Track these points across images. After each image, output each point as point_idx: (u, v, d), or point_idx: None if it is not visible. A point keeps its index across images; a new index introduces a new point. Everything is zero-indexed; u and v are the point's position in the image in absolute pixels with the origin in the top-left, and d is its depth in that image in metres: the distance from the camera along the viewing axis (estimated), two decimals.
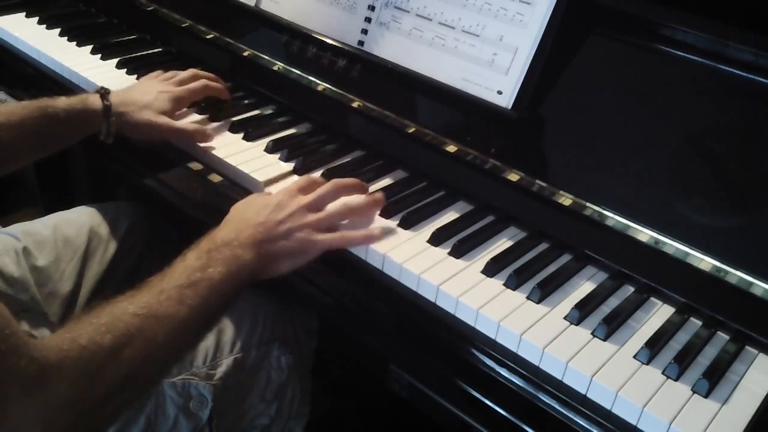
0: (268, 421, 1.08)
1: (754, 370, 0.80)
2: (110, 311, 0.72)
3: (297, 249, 0.87)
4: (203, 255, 0.81)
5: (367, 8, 1.14)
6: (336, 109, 1.16)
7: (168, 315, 0.74)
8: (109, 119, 1.08)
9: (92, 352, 0.67)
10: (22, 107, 1.02)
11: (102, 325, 0.69)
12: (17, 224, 1.15)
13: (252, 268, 0.84)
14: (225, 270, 0.80)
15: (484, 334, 0.83)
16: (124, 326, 0.70)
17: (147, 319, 0.72)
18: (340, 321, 1.04)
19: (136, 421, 0.93)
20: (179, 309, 0.75)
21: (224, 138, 1.14)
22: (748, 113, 0.89)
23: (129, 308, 0.72)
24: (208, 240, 0.84)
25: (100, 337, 0.68)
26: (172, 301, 0.75)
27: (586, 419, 0.75)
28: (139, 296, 0.75)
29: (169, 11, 1.42)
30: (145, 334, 0.71)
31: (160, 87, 1.15)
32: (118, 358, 0.69)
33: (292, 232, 0.87)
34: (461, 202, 1.03)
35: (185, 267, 0.79)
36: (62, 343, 0.66)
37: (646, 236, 0.89)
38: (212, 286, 0.78)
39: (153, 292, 0.75)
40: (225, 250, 0.82)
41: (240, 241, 0.84)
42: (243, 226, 0.86)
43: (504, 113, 1.00)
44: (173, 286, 0.76)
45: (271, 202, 0.90)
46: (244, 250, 0.83)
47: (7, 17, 1.47)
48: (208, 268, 0.79)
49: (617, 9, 0.95)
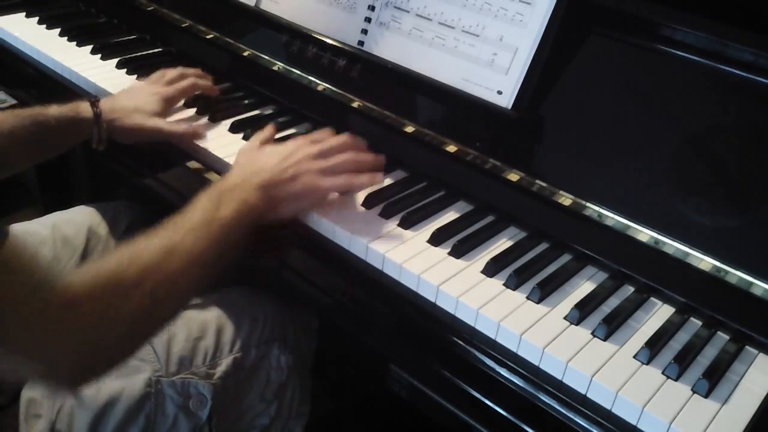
0: (267, 420, 1.08)
1: (754, 370, 0.80)
2: (131, 248, 0.78)
3: (302, 192, 0.93)
4: (215, 197, 0.88)
5: (367, 8, 1.14)
6: (336, 109, 1.16)
7: (185, 251, 0.80)
8: (100, 127, 1.09)
9: (117, 283, 0.73)
10: (13, 116, 1.03)
11: (124, 259, 0.75)
12: (16, 224, 1.15)
13: (259, 209, 0.90)
14: (235, 210, 0.87)
15: (484, 334, 0.83)
16: (146, 260, 0.76)
17: (166, 253, 0.78)
18: (340, 321, 1.04)
19: (135, 420, 0.93)
20: (195, 245, 0.81)
21: (224, 138, 1.14)
22: (748, 113, 0.89)
23: (150, 243, 0.79)
24: (219, 184, 0.91)
25: (124, 269, 0.74)
26: (188, 239, 0.81)
27: (586, 419, 0.75)
28: (157, 235, 0.81)
29: (169, 11, 1.42)
30: (166, 266, 0.78)
31: (148, 89, 1.15)
32: (142, 288, 0.75)
33: (299, 176, 0.93)
34: (461, 202, 1.03)
35: (198, 207, 0.86)
36: (88, 275, 0.72)
37: (646, 236, 0.89)
38: (224, 226, 0.85)
39: (170, 231, 0.82)
40: (234, 192, 0.89)
41: (249, 184, 0.91)
42: (252, 171, 0.93)
43: (504, 113, 1.00)
44: (188, 225, 0.83)
45: (281, 150, 0.96)
46: (252, 193, 0.90)
47: (7, 17, 1.47)
48: (219, 209, 0.86)
49: (617, 9, 0.95)
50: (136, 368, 0.95)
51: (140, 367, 0.95)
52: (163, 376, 0.96)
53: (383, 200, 1.00)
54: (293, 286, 1.01)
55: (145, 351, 0.96)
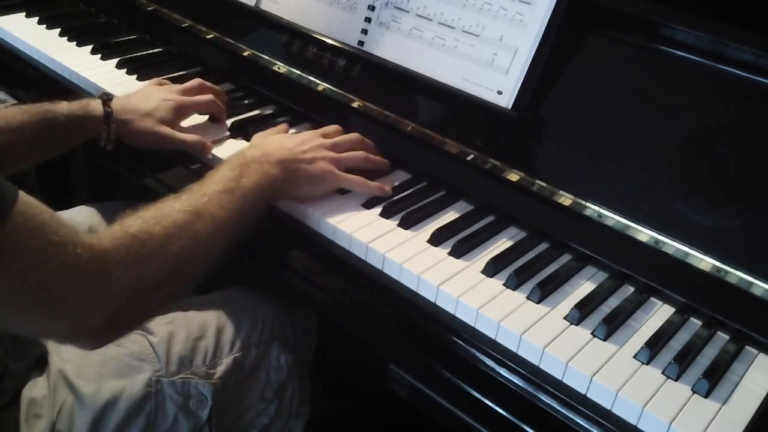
0: (267, 420, 1.08)
1: (754, 370, 0.80)
2: (158, 207, 0.79)
3: (318, 175, 0.97)
4: (236, 167, 0.90)
5: (367, 8, 1.14)
6: (336, 109, 1.16)
7: (210, 215, 0.82)
8: (110, 126, 1.07)
9: (143, 241, 0.74)
10: (22, 111, 1.01)
11: (151, 217, 0.77)
12: None
13: (278, 184, 0.94)
14: (256, 181, 0.90)
15: (484, 334, 0.83)
16: (172, 220, 0.78)
17: (192, 215, 0.80)
18: (339, 321, 1.04)
19: (135, 420, 0.93)
20: (219, 210, 0.83)
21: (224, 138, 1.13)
22: (748, 113, 0.89)
23: (175, 205, 0.80)
24: (239, 156, 0.94)
25: (150, 227, 0.75)
26: (212, 203, 0.83)
27: (586, 419, 0.75)
28: (183, 197, 0.83)
29: (169, 11, 1.42)
30: (191, 228, 0.79)
31: (163, 95, 1.12)
32: (167, 248, 0.76)
33: (316, 161, 0.97)
34: (461, 202, 1.03)
35: (221, 176, 0.88)
36: (115, 233, 0.73)
37: (646, 236, 0.89)
38: (245, 195, 0.88)
39: (196, 195, 0.84)
40: (255, 165, 0.92)
41: (268, 159, 0.94)
42: (273, 147, 0.97)
43: (504, 113, 1.00)
44: (213, 191, 0.85)
45: (297, 137, 1.01)
46: (272, 166, 0.93)
47: (7, 17, 1.47)
48: (241, 178, 0.89)
49: (617, 9, 0.95)
50: (136, 368, 0.95)
51: (140, 367, 0.95)
52: (163, 376, 0.96)
53: (383, 200, 1.00)
54: (293, 286, 1.02)
55: (145, 351, 0.96)
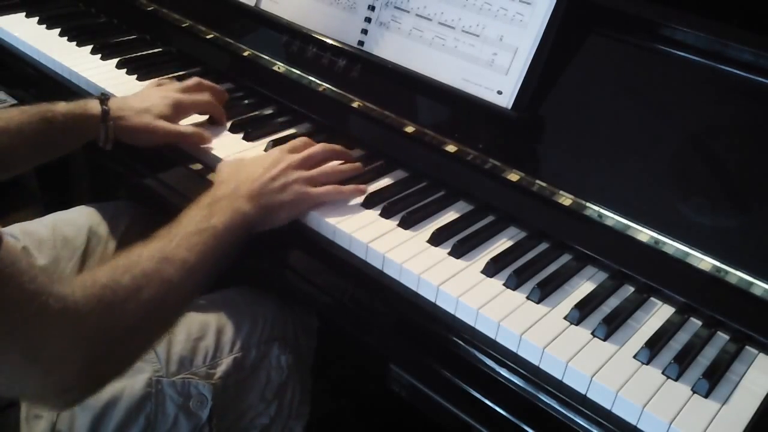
0: (267, 420, 1.08)
1: (754, 370, 0.80)
2: (126, 256, 0.78)
3: (292, 201, 0.95)
4: (205, 207, 0.88)
5: (367, 8, 1.14)
6: (336, 109, 1.16)
7: (180, 259, 0.80)
8: (107, 124, 1.07)
9: (113, 290, 0.73)
10: (21, 112, 1.01)
11: (120, 267, 0.76)
12: (16, 224, 1.15)
13: (251, 218, 0.91)
14: (227, 220, 0.87)
15: (484, 334, 0.83)
16: (141, 268, 0.77)
17: (161, 262, 0.79)
18: (339, 321, 1.04)
19: (135, 421, 0.93)
20: (189, 254, 0.82)
21: (224, 138, 1.14)
22: (748, 113, 0.89)
23: (144, 252, 0.79)
24: (207, 196, 0.91)
25: (120, 276, 0.74)
26: (181, 247, 0.82)
27: (586, 419, 0.75)
28: (151, 244, 0.81)
29: (169, 11, 1.42)
30: (161, 275, 0.78)
31: (161, 93, 1.13)
32: (138, 296, 0.75)
33: (288, 186, 0.95)
34: (461, 202, 1.03)
35: (190, 218, 0.86)
36: (85, 282, 0.72)
37: (646, 236, 0.89)
38: (216, 235, 0.85)
39: (164, 240, 0.82)
40: (225, 202, 0.90)
41: (238, 194, 0.91)
42: (240, 182, 0.93)
43: (504, 113, 1.00)
44: (182, 234, 0.83)
45: (264, 161, 0.97)
46: (243, 203, 0.91)
47: (7, 17, 1.47)
48: (211, 218, 0.87)
49: (617, 9, 0.95)
50: (136, 368, 0.95)
51: (140, 367, 0.95)
52: (164, 377, 0.96)
53: (383, 200, 1.00)
54: (293, 286, 1.01)
55: None
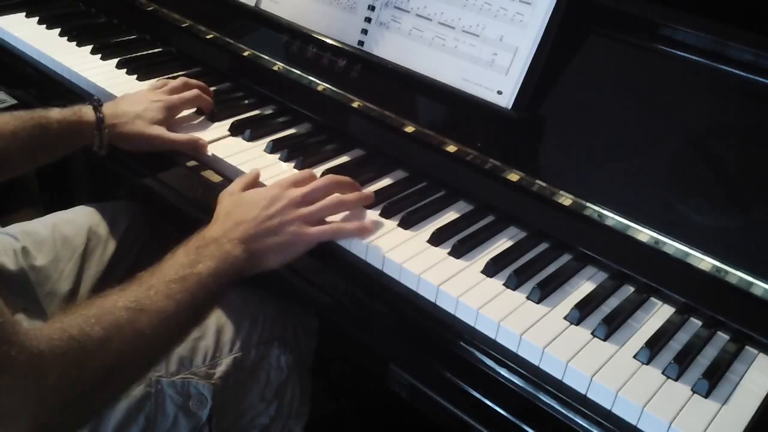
0: (267, 420, 1.08)
1: (754, 370, 0.80)
2: (100, 304, 0.73)
3: (287, 243, 0.89)
4: (192, 251, 0.83)
5: (367, 8, 1.14)
6: (336, 109, 1.16)
7: (156, 309, 0.75)
8: (102, 131, 1.08)
9: (81, 343, 0.69)
10: (14, 118, 1.01)
11: (92, 316, 0.71)
12: (16, 224, 1.15)
13: (241, 264, 0.85)
14: (213, 266, 0.82)
15: (484, 334, 0.83)
16: (114, 318, 0.72)
17: (136, 312, 0.74)
18: (339, 321, 1.04)
19: (135, 420, 0.93)
20: (167, 303, 0.76)
21: (224, 138, 1.13)
22: (748, 113, 0.89)
23: (119, 302, 0.74)
24: (198, 237, 0.86)
25: (90, 327, 0.70)
26: (160, 296, 0.76)
27: (586, 419, 0.75)
28: (128, 290, 0.76)
29: (169, 11, 1.42)
30: (134, 326, 0.73)
31: (151, 96, 1.14)
32: (107, 349, 0.70)
33: (283, 226, 0.89)
34: (461, 202, 1.03)
35: (174, 262, 0.81)
36: (53, 333, 0.68)
37: (646, 236, 0.89)
38: (200, 282, 0.80)
39: (143, 287, 0.77)
40: (213, 246, 0.84)
41: (229, 237, 0.86)
42: (233, 223, 0.88)
43: (504, 113, 1.00)
44: (162, 281, 0.78)
45: (262, 197, 0.91)
46: (233, 247, 0.85)
47: (7, 17, 1.47)
48: (197, 264, 0.81)
49: (617, 9, 0.95)
50: None
51: None
52: (163, 376, 0.96)
53: (383, 200, 1.00)
54: (293, 286, 1.01)
55: None
